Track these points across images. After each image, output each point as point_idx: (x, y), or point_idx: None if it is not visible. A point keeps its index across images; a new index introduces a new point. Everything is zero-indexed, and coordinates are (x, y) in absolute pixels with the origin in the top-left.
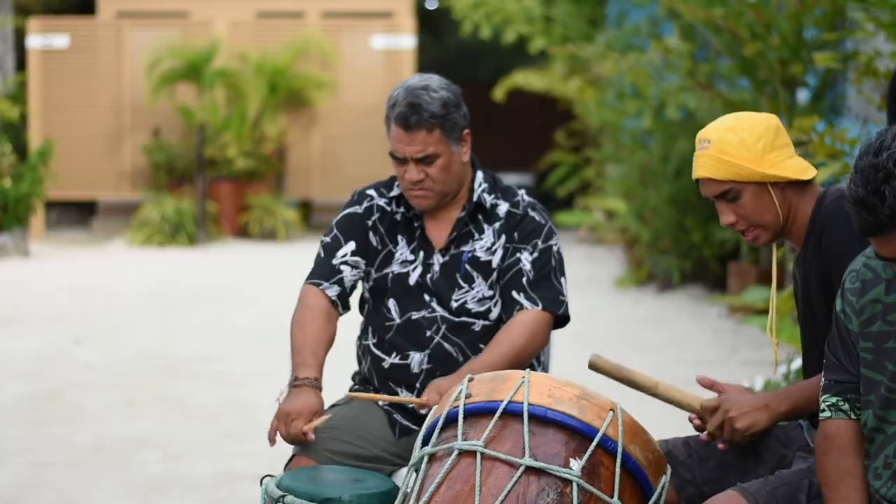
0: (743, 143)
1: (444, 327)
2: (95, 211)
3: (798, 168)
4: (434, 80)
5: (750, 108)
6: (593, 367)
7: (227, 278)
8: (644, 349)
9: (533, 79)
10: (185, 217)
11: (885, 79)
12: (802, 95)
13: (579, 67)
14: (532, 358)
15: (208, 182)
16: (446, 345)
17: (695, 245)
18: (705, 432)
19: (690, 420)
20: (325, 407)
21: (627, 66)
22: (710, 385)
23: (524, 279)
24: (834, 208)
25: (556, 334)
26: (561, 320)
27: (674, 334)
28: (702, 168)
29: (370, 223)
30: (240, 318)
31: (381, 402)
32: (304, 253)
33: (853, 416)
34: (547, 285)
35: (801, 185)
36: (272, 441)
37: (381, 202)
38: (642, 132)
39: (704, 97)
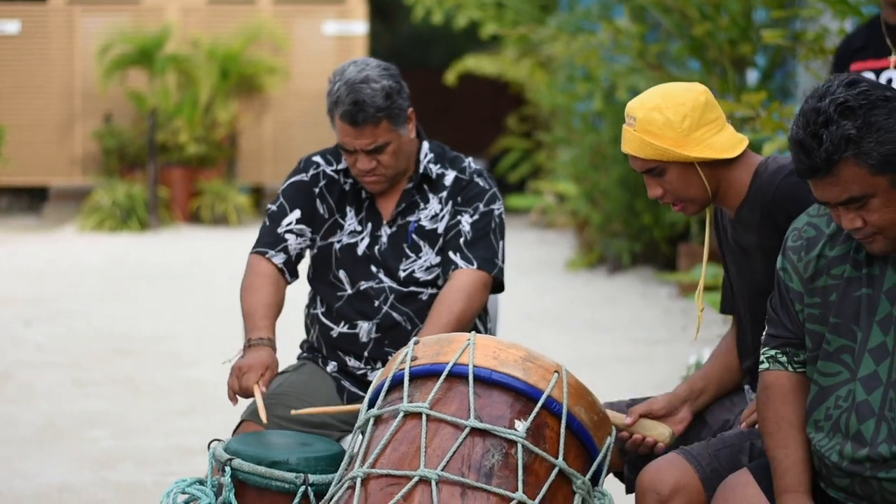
0: (668, 124)
1: (392, 297)
2: (47, 197)
3: (725, 145)
4: (371, 67)
5: None
6: None
7: (179, 263)
8: (595, 329)
9: (485, 63)
10: (136, 202)
11: (832, 55)
12: (752, 76)
13: (530, 51)
14: (473, 318)
15: (160, 167)
16: (395, 314)
17: (645, 227)
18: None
19: (622, 438)
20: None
21: (578, 48)
22: (636, 419)
23: (461, 240)
24: (790, 186)
25: (507, 315)
26: (497, 284)
27: (624, 314)
28: (628, 144)
29: (317, 191)
30: (191, 300)
31: (329, 369)
32: (256, 238)
33: (790, 369)
34: (484, 245)
35: (733, 157)
36: (233, 400)
37: (329, 170)
38: (593, 115)
39: (654, 78)
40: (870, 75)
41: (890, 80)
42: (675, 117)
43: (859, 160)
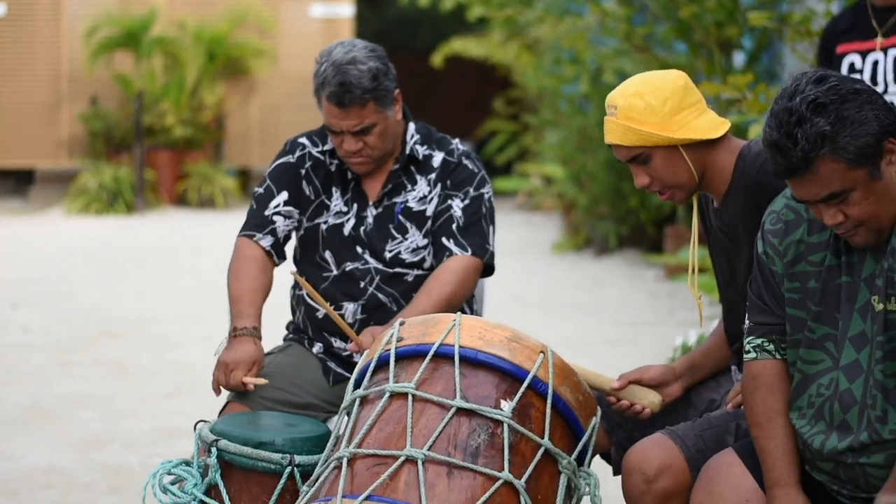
0: (649, 108)
1: (377, 278)
2: (33, 180)
3: (708, 126)
4: (358, 48)
5: (686, 71)
6: None
7: (166, 245)
8: (581, 311)
9: (471, 45)
10: (122, 185)
11: (819, 37)
12: (739, 58)
13: (517, 33)
14: (462, 303)
15: (146, 150)
16: (380, 295)
17: (632, 209)
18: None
19: (609, 402)
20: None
21: (564, 30)
22: (624, 385)
23: (454, 225)
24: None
25: (494, 297)
26: (487, 269)
27: (611, 296)
28: (611, 134)
29: (303, 172)
30: (178, 283)
31: (315, 350)
32: (242, 221)
33: (778, 357)
34: (477, 231)
35: (716, 140)
36: (217, 391)
37: (315, 151)
38: (580, 98)
39: (641, 61)
40: (856, 57)
41: (876, 62)
42: (657, 101)
43: (836, 155)
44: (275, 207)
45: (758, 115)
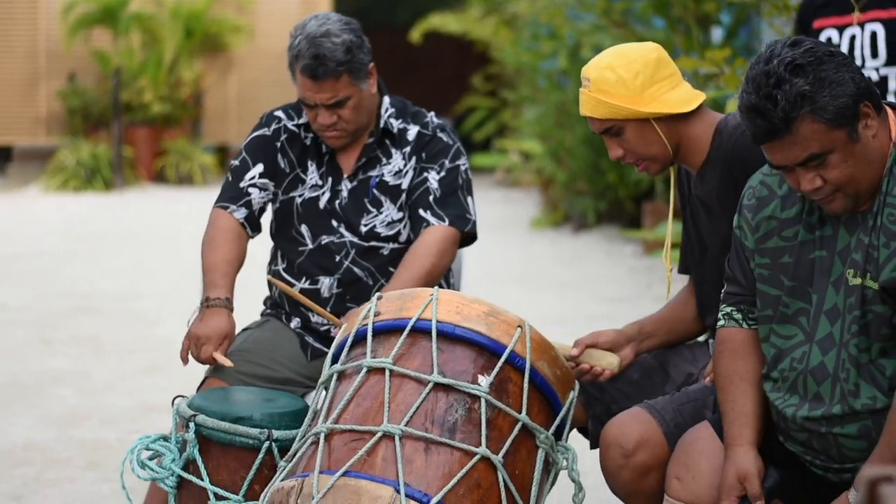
0: (621, 82)
1: (353, 252)
2: (10, 157)
3: (680, 100)
4: (332, 21)
5: (664, 47)
6: None
7: (144, 222)
8: (560, 287)
9: (449, 21)
10: (101, 162)
11: (796, 12)
12: (717, 33)
13: (495, 9)
14: (442, 275)
15: (124, 127)
16: (356, 269)
17: (610, 185)
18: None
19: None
20: (238, 330)
21: (542, 6)
22: (582, 350)
23: (431, 197)
24: (749, 141)
25: (472, 273)
26: (468, 238)
27: (589, 272)
28: (584, 106)
29: (279, 145)
30: (156, 259)
31: (292, 325)
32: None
33: (744, 326)
34: (454, 202)
35: (690, 113)
36: (185, 361)
37: (290, 124)
38: (558, 73)
39: (619, 36)
40: (833, 32)
41: (853, 37)
42: (628, 75)
43: (816, 116)
44: (250, 179)
45: (735, 89)
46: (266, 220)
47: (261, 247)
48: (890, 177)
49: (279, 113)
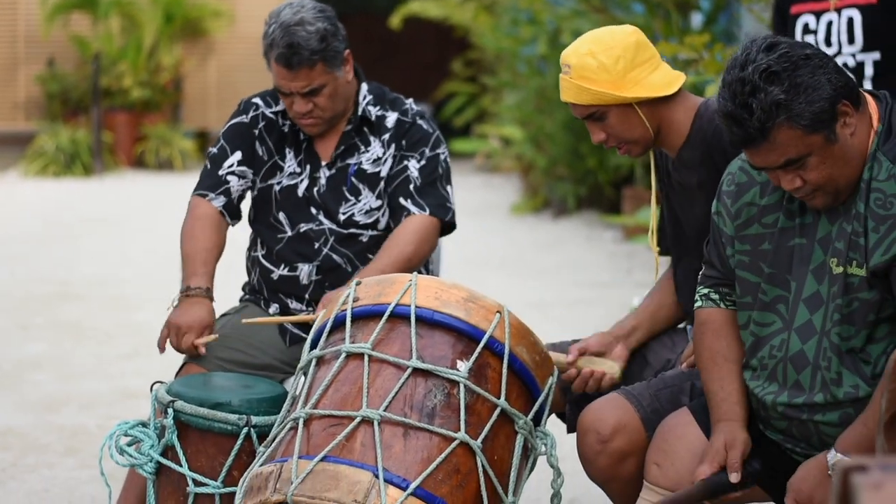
0: (602, 67)
1: (332, 239)
2: None
3: (661, 83)
4: (307, 9)
5: (643, 32)
6: None
7: (124, 207)
8: (540, 272)
9: (429, 6)
10: (80, 147)
11: None
12: (696, 19)
13: None
14: (421, 264)
15: (103, 112)
16: (335, 256)
17: (590, 171)
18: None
19: (570, 378)
20: (217, 315)
21: None
22: (577, 356)
23: (411, 186)
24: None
25: (451, 258)
26: (448, 227)
27: (569, 258)
28: (566, 93)
29: (256, 132)
30: (135, 245)
31: (271, 311)
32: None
33: (723, 306)
34: (434, 192)
35: (672, 96)
36: (162, 349)
37: (268, 111)
38: (538, 59)
39: (599, 22)
40: (810, 18)
41: (830, 23)
42: (609, 60)
43: (792, 123)
44: (228, 167)
45: (714, 75)
46: (245, 207)
47: (241, 232)
48: (874, 162)
49: (257, 100)
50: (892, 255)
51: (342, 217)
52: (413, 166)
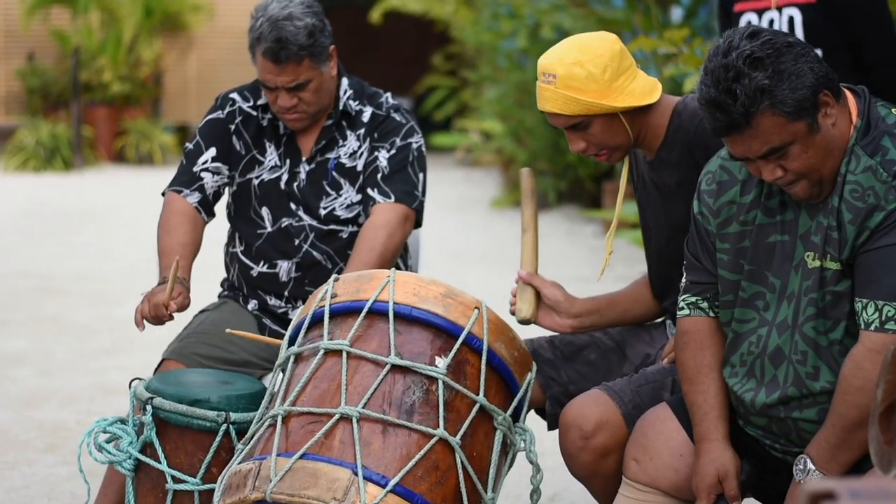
0: (591, 77)
1: (312, 235)
2: None
3: (644, 90)
4: (295, 4)
5: (623, 26)
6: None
7: (104, 202)
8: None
9: (410, 1)
10: (60, 142)
11: None
12: (676, 13)
13: None
14: (397, 254)
15: (84, 107)
16: (315, 253)
17: (570, 165)
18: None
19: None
20: (195, 313)
21: None
22: (527, 279)
23: (379, 175)
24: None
25: (432, 254)
26: (415, 214)
27: (549, 252)
28: (549, 103)
29: (233, 128)
30: (116, 240)
31: (250, 307)
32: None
33: (711, 314)
34: (402, 178)
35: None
36: (139, 324)
37: (245, 106)
38: (518, 53)
39: (579, 16)
40: (752, 16)
41: (772, 21)
42: (597, 69)
43: (776, 109)
44: (202, 164)
45: (694, 69)
46: (221, 205)
47: (218, 228)
48: (851, 156)
49: (234, 95)
50: (861, 243)
51: (323, 212)
52: (383, 156)
